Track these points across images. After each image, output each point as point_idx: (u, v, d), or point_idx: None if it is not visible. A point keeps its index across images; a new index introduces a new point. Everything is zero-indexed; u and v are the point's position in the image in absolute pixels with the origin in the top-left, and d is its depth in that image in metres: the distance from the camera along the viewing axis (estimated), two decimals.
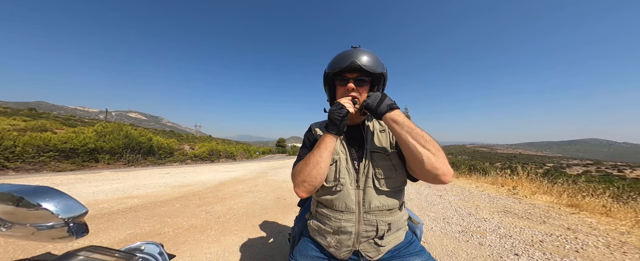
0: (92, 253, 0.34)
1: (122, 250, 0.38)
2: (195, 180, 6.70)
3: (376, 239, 0.72)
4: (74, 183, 5.94)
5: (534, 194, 4.68)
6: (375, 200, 0.72)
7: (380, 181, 0.73)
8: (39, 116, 30.26)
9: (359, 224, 0.71)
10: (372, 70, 0.75)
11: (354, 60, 0.73)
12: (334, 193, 0.74)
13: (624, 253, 2.06)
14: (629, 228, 2.68)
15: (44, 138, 10.24)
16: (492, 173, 7.04)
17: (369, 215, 0.71)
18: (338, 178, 0.74)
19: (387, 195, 0.73)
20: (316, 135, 0.87)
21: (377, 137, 0.81)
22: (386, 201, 0.72)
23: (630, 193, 4.00)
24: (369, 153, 0.77)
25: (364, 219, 0.71)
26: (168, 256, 0.51)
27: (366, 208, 0.72)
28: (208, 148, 20.50)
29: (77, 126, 16.53)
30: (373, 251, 0.72)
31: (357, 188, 0.73)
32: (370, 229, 0.71)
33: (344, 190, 0.73)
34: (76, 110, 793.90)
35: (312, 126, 0.92)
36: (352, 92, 0.77)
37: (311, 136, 0.89)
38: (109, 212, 3.25)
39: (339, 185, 0.74)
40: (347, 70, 0.77)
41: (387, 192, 0.73)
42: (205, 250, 2.10)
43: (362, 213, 0.72)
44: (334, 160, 0.76)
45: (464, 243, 2.33)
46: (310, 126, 0.94)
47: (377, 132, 0.83)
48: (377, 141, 0.80)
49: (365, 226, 0.71)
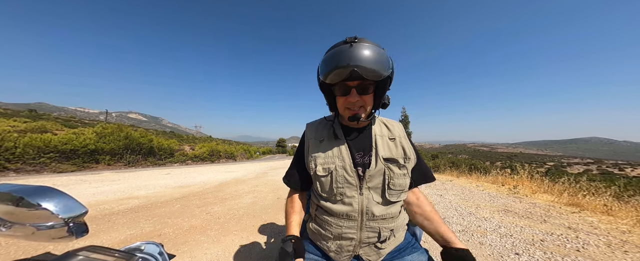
0: (92, 253, 0.34)
1: (122, 250, 0.38)
2: (196, 181, 6.70)
3: (378, 243, 0.70)
4: (75, 184, 5.95)
5: (535, 193, 4.68)
6: (380, 209, 0.68)
7: (389, 191, 0.68)
8: (39, 117, 30.32)
9: (361, 231, 0.68)
10: (378, 76, 0.61)
11: (354, 69, 0.58)
12: (335, 202, 0.70)
13: (625, 252, 2.05)
14: (630, 227, 2.67)
15: (45, 139, 10.26)
16: (493, 172, 7.03)
17: (372, 223, 0.68)
18: (333, 190, 0.69)
19: (393, 203, 0.70)
20: (305, 137, 0.81)
21: (387, 144, 0.74)
22: (391, 209, 0.69)
23: (631, 192, 4.00)
24: (379, 160, 0.69)
25: (366, 226, 0.68)
26: (168, 256, 0.51)
27: (369, 216, 0.67)
28: (208, 148, 20.51)
29: (77, 127, 16.54)
30: (374, 254, 0.71)
31: (361, 196, 0.67)
32: (373, 235, 0.69)
33: (344, 198, 0.69)
34: (76, 111, 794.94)
35: (307, 128, 0.84)
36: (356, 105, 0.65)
37: (302, 142, 0.82)
38: (110, 213, 3.26)
39: (338, 195, 0.69)
40: (348, 79, 0.61)
41: (393, 201, 0.70)
42: (206, 251, 2.10)
43: (365, 221, 0.68)
44: (329, 170, 0.69)
45: (465, 242, 2.32)
46: (306, 126, 0.86)
47: (386, 139, 0.75)
48: (387, 148, 0.72)
49: (368, 232, 0.68)
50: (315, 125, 0.83)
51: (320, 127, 0.81)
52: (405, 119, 14.00)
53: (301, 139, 0.83)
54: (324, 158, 0.72)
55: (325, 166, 0.70)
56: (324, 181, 0.71)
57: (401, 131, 0.81)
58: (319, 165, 0.72)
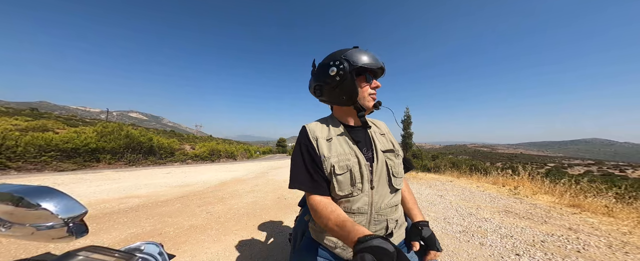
0: (92, 253, 0.34)
1: (122, 250, 0.38)
2: (196, 180, 6.71)
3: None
4: (76, 182, 5.97)
5: (536, 194, 4.67)
6: (387, 199, 0.74)
7: (395, 179, 0.76)
8: (40, 116, 30.41)
9: (369, 225, 0.71)
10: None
11: (383, 67, 0.78)
12: (349, 199, 0.71)
13: (626, 253, 2.05)
14: (631, 229, 2.66)
15: (46, 138, 10.29)
16: (493, 173, 7.02)
17: (379, 215, 0.72)
18: (355, 184, 0.70)
19: (396, 192, 0.78)
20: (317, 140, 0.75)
21: (380, 138, 0.83)
22: (395, 198, 0.77)
23: (632, 194, 3.98)
24: (381, 153, 0.77)
25: (374, 219, 0.71)
26: (168, 256, 0.51)
27: (377, 208, 0.71)
28: (208, 148, 20.54)
29: (78, 126, 16.59)
30: None
31: (371, 190, 0.72)
32: (380, 228, 0.72)
33: (359, 193, 0.70)
34: (78, 110, 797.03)
35: (309, 128, 0.78)
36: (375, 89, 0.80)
37: (309, 143, 0.75)
38: (110, 212, 3.27)
39: (356, 191, 0.70)
40: (380, 71, 0.80)
41: (397, 190, 0.77)
42: (206, 250, 2.11)
43: (373, 213, 0.71)
44: (347, 167, 0.70)
45: (465, 243, 2.32)
46: (303, 128, 0.80)
47: (378, 135, 0.84)
48: (382, 142, 0.82)
49: (375, 226, 0.72)
50: (317, 125, 0.81)
51: (323, 127, 0.80)
52: (408, 119, 13.99)
53: (303, 141, 0.76)
54: (338, 156, 0.72)
55: (342, 164, 0.71)
56: (341, 179, 0.70)
57: (386, 127, 0.93)
58: (335, 163, 0.71)
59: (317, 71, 0.80)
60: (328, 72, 0.75)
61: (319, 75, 0.79)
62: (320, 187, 0.70)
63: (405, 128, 14.14)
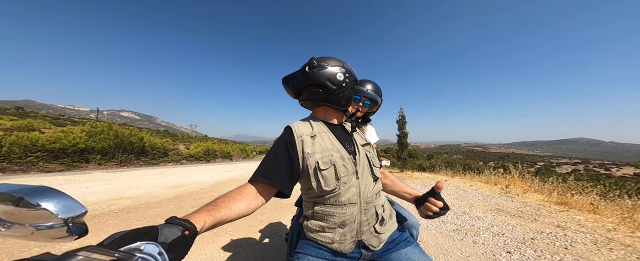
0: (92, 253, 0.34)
1: (121, 250, 0.38)
2: (190, 181, 6.62)
3: (376, 226, 0.78)
4: (64, 184, 5.79)
5: (526, 192, 4.80)
6: (371, 187, 0.80)
7: (374, 169, 0.84)
8: (26, 115, 29.36)
9: (361, 214, 0.75)
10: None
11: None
12: (338, 192, 0.74)
13: (611, 249, 2.13)
14: (615, 225, 2.77)
15: (32, 138, 9.94)
16: (486, 172, 7.18)
17: (368, 203, 0.77)
18: (340, 178, 0.74)
19: (377, 180, 0.85)
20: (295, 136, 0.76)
21: (357, 133, 0.93)
22: (377, 185, 0.84)
23: (616, 192, 4.14)
24: (360, 146, 0.86)
25: (364, 208, 0.76)
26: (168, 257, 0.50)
27: (365, 197, 0.76)
28: (204, 148, 20.25)
29: (66, 125, 16.09)
30: (374, 240, 0.76)
31: (357, 180, 0.77)
32: (371, 215, 0.77)
33: (346, 186, 0.75)
34: (66, 109, 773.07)
35: (294, 127, 0.80)
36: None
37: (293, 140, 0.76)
38: (100, 213, 3.19)
39: (342, 184, 0.74)
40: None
41: (377, 178, 0.85)
42: (200, 251, 2.09)
43: (363, 202, 0.76)
44: (331, 162, 0.74)
45: (459, 241, 2.37)
46: (288, 128, 0.81)
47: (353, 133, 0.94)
48: (359, 137, 0.93)
49: (366, 214, 0.76)
50: (301, 124, 0.84)
51: (307, 125, 0.84)
52: (403, 119, 14.07)
53: (286, 140, 0.77)
54: (322, 152, 0.76)
55: (326, 159, 0.75)
56: (326, 175, 0.73)
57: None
58: (319, 159, 0.74)
59: (320, 72, 0.81)
60: (336, 76, 0.82)
61: (323, 76, 0.81)
62: (274, 181, 0.72)
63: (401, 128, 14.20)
